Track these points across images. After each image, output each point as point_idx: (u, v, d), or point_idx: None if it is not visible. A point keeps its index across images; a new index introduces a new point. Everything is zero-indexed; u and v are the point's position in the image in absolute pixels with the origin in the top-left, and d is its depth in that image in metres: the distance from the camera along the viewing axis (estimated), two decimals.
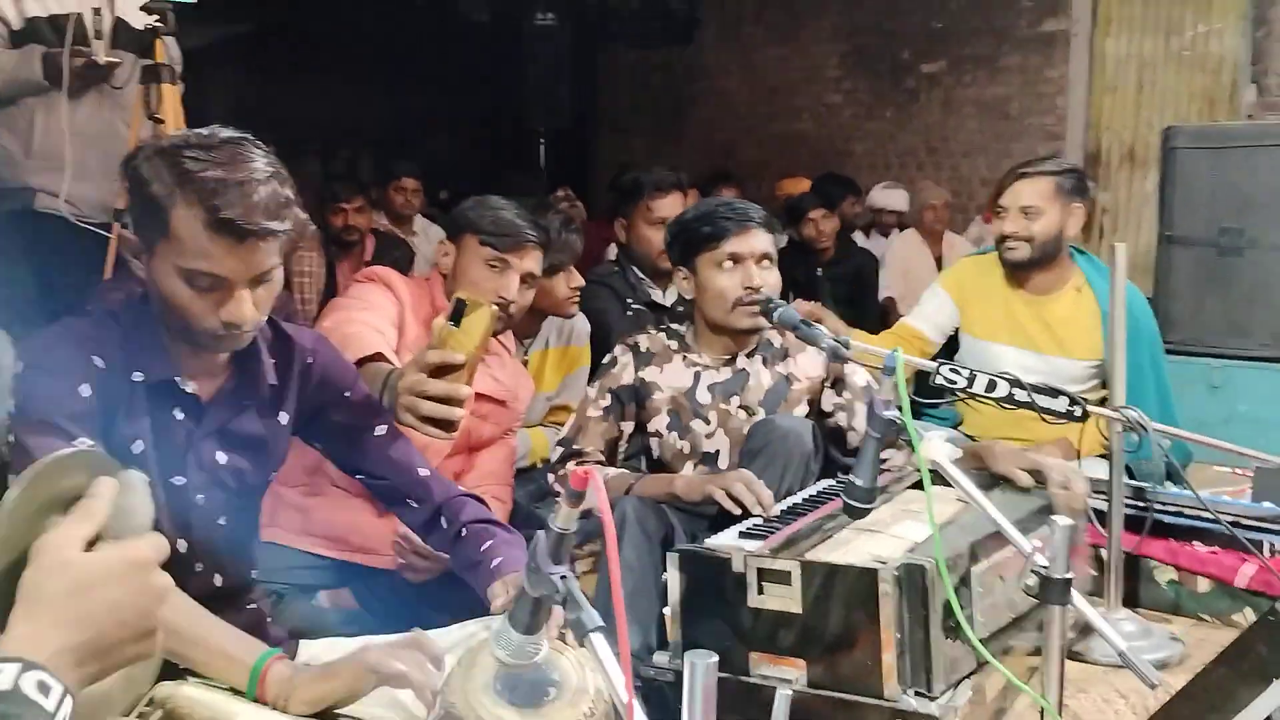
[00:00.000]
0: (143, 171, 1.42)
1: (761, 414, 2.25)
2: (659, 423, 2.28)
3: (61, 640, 0.79)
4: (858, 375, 2.34)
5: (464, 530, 1.67)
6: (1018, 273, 2.79)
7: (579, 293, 2.84)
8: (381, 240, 4.73)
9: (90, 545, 0.84)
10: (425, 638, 1.41)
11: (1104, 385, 2.78)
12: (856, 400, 2.33)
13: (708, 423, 2.27)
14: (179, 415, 1.52)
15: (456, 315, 1.60)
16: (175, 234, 1.39)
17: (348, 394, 1.68)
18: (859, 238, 5.85)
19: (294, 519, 2.18)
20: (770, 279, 2.24)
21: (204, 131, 1.46)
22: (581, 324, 3.00)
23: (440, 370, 1.58)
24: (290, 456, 1.76)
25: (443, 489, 1.72)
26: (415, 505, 1.70)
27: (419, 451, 1.75)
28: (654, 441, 2.30)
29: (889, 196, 6.15)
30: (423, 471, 1.71)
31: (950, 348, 2.95)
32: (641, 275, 3.29)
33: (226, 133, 1.46)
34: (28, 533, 0.84)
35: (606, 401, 2.28)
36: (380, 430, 1.69)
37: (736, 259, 2.21)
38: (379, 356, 1.86)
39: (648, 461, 2.35)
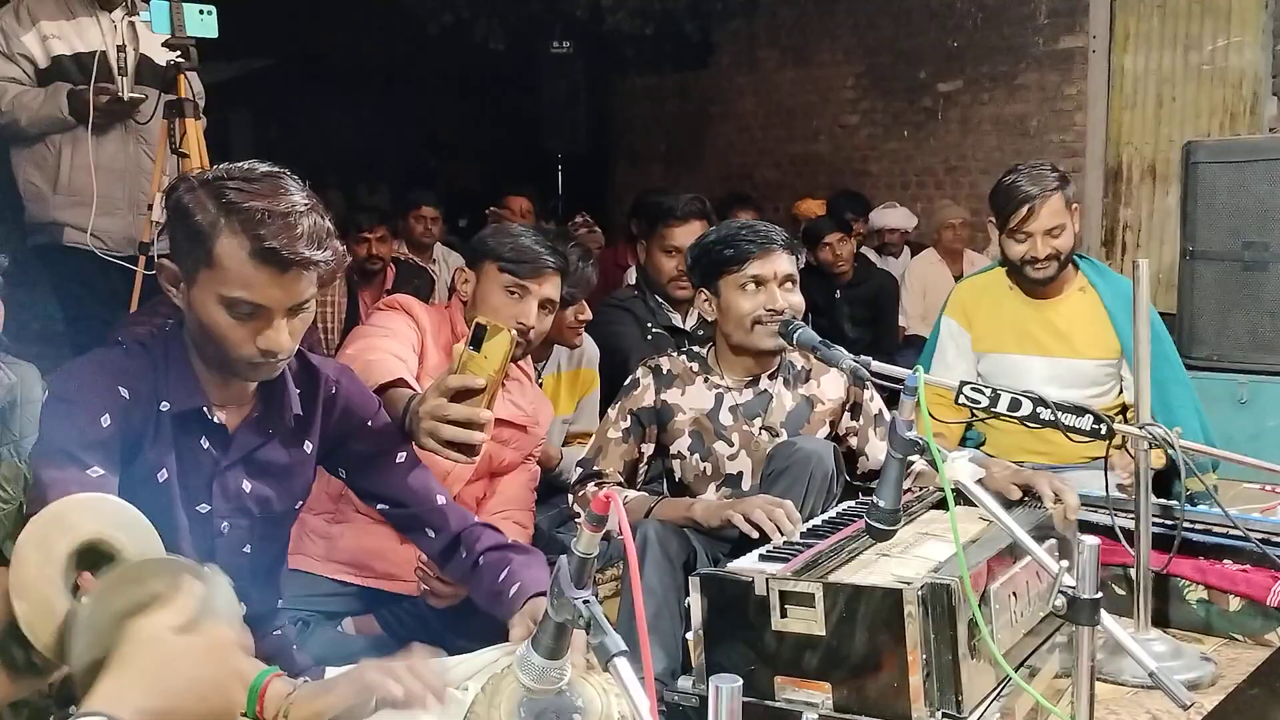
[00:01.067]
0: (185, 203, 1.44)
1: (784, 435, 2.25)
2: (681, 444, 2.28)
3: (142, 703, 0.82)
4: (873, 403, 2.34)
5: (480, 559, 1.67)
6: (1033, 285, 2.78)
7: (584, 325, 2.86)
8: (402, 269, 4.78)
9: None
10: (428, 666, 1.39)
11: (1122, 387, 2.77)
12: (868, 427, 2.33)
13: (730, 444, 2.26)
14: (205, 444, 1.53)
15: (476, 340, 1.61)
16: (218, 263, 1.41)
17: (369, 423, 1.70)
18: (874, 257, 5.83)
19: (319, 546, 2.20)
20: (793, 301, 2.24)
21: (243, 165, 1.49)
22: (591, 348, 3.00)
23: (461, 395, 1.59)
24: (314, 484, 1.78)
25: (459, 518, 1.72)
26: (433, 534, 1.71)
27: (438, 480, 1.76)
28: (676, 463, 2.29)
29: (887, 216, 6.13)
30: (440, 500, 1.72)
31: None
32: (660, 300, 3.30)
33: (265, 166, 1.49)
34: (110, 634, 0.87)
35: (627, 423, 2.28)
36: (400, 458, 1.71)
37: (759, 281, 2.22)
38: (400, 382, 1.87)
39: (669, 484, 2.35)
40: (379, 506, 1.74)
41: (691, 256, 2.36)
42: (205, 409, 1.52)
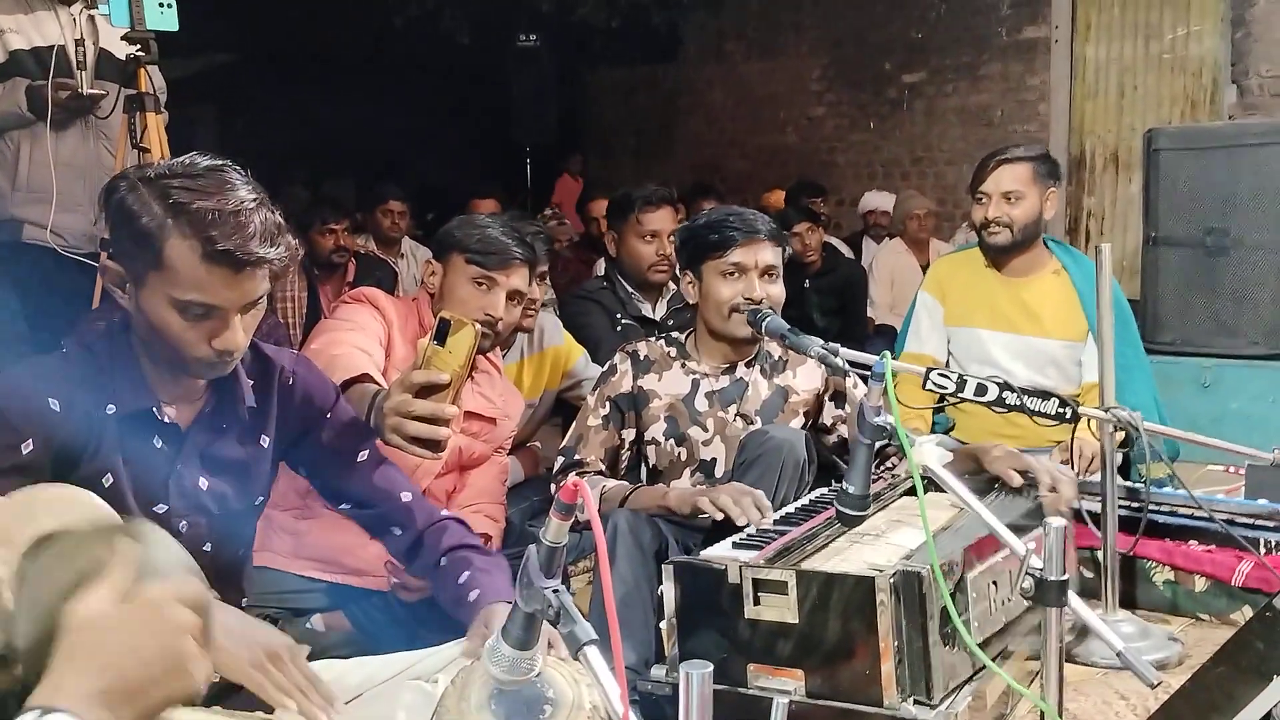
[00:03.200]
0: (129, 204, 1.39)
1: (759, 424, 2.25)
2: (656, 430, 2.28)
3: (83, 686, 0.80)
4: (857, 389, 2.34)
5: (443, 560, 1.64)
6: (998, 258, 2.82)
7: (536, 308, 2.82)
8: (363, 262, 4.74)
9: None
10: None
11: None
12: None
13: (705, 430, 2.27)
14: (158, 443, 1.50)
15: (440, 335, 1.59)
16: (169, 265, 1.38)
17: (329, 414, 1.66)
18: (842, 247, 5.86)
19: (286, 543, 2.17)
20: (774, 291, 2.25)
21: (184, 160, 1.45)
22: (545, 322, 2.95)
23: (426, 390, 1.57)
24: (282, 480, 1.75)
25: (425, 514, 1.70)
26: (399, 532, 1.69)
27: (406, 475, 1.74)
28: (651, 449, 2.29)
29: (878, 198, 6.21)
30: (406, 497, 1.69)
31: None
32: (631, 290, 3.29)
33: (206, 160, 1.45)
34: (52, 616, 0.85)
35: (606, 410, 2.27)
36: (364, 455, 1.68)
37: (740, 269, 2.23)
38: (365, 378, 1.85)
39: (645, 470, 2.35)
40: (342, 507, 1.71)
41: (680, 238, 2.38)
42: (154, 409, 1.49)
